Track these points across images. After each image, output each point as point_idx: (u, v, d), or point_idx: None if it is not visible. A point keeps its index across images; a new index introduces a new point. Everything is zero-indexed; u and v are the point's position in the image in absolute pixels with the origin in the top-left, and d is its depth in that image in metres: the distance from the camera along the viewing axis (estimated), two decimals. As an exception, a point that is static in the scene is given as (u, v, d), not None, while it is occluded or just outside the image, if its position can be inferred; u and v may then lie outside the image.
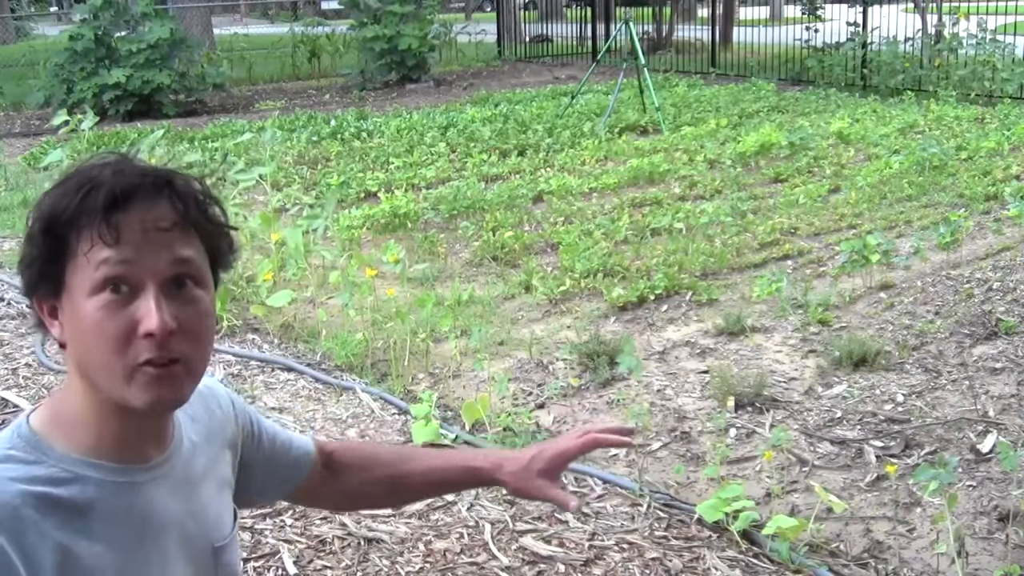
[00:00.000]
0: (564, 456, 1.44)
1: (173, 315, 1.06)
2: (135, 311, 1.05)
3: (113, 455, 1.11)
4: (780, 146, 8.46)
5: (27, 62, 16.85)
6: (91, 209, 1.05)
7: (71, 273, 1.06)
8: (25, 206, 7.64)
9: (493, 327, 4.79)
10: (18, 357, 4.48)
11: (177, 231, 1.08)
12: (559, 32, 19.59)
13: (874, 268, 5.21)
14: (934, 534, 2.98)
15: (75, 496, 1.07)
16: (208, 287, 1.12)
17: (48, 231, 1.07)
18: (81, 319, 1.06)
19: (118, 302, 1.05)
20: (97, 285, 1.05)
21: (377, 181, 7.66)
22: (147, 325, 1.04)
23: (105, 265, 1.04)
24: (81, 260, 1.05)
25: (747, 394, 3.90)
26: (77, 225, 1.06)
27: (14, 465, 1.06)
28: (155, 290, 1.06)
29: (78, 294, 1.06)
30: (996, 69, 11.81)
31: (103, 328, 1.05)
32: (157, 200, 1.07)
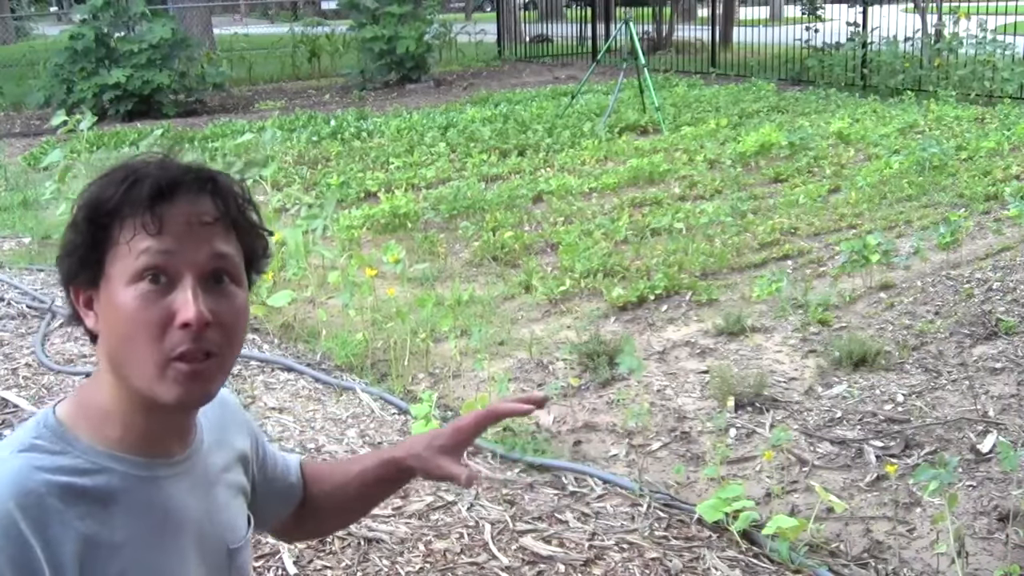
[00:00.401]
0: (462, 431, 1.39)
1: (209, 308, 1.07)
2: (172, 301, 1.07)
3: (138, 449, 1.12)
4: (780, 146, 8.46)
5: (27, 62, 16.86)
6: (136, 199, 1.07)
7: (111, 262, 1.08)
8: (25, 206, 7.65)
9: (493, 327, 4.79)
10: (18, 357, 4.47)
11: (218, 227, 1.10)
12: (559, 32, 19.60)
13: (874, 268, 5.22)
14: (934, 534, 2.98)
15: (99, 487, 1.08)
16: (244, 285, 1.14)
17: (91, 219, 1.09)
18: (118, 307, 1.07)
19: (156, 292, 1.07)
20: (136, 274, 1.06)
21: (377, 181, 7.67)
22: (184, 315, 1.06)
23: (146, 254, 1.06)
24: (122, 249, 1.07)
25: (747, 394, 3.90)
26: (121, 214, 1.07)
27: (40, 454, 1.07)
28: (193, 282, 1.07)
29: (116, 283, 1.07)
30: (996, 69, 11.81)
31: (140, 317, 1.06)
32: (200, 195, 1.10)
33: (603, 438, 3.71)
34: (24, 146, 10.69)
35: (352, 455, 3.55)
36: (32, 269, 5.93)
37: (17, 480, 1.03)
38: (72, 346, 4.59)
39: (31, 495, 1.02)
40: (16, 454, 1.07)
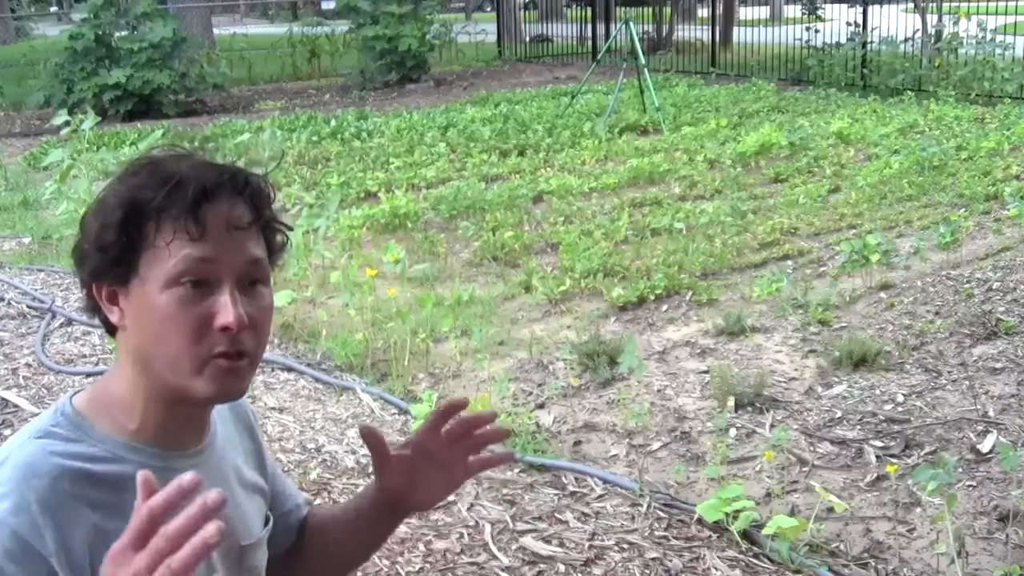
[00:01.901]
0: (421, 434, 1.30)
1: (245, 311, 1.10)
2: (211, 305, 1.09)
3: (153, 441, 1.14)
4: (780, 146, 8.46)
5: (27, 62, 16.86)
6: (178, 201, 1.08)
7: (146, 263, 1.09)
8: (25, 206, 7.65)
9: (493, 327, 4.79)
10: (18, 357, 4.47)
11: (253, 230, 1.13)
12: (559, 32, 19.59)
13: (874, 268, 5.22)
14: (934, 534, 2.98)
15: (112, 475, 1.09)
16: (270, 285, 1.17)
17: (129, 220, 1.09)
18: (154, 309, 1.08)
19: (195, 295, 1.08)
20: (175, 278, 1.08)
21: (377, 181, 7.67)
22: (224, 319, 1.08)
23: (186, 259, 1.07)
24: (161, 251, 1.08)
25: (747, 394, 3.90)
26: (161, 216, 1.08)
27: (56, 441, 1.09)
28: (231, 286, 1.09)
29: (153, 284, 1.08)
30: (996, 69, 11.81)
31: (178, 319, 1.08)
32: (237, 198, 1.11)
33: (603, 438, 3.71)
34: (24, 146, 10.69)
35: (353, 452, 3.55)
36: (32, 269, 5.93)
37: (32, 463, 1.05)
38: (72, 346, 4.59)
39: (44, 478, 1.04)
40: (32, 440, 1.09)
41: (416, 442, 1.29)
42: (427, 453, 1.30)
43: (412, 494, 1.32)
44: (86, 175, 6.14)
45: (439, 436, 1.29)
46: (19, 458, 1.06)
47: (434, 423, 1.29)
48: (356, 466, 3.46)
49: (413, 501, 1.33)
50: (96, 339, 4.64)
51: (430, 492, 1.32)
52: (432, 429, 1.29)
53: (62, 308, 5.01)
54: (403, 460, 1.29)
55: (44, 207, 7.41)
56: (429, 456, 1.30)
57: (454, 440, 1.30)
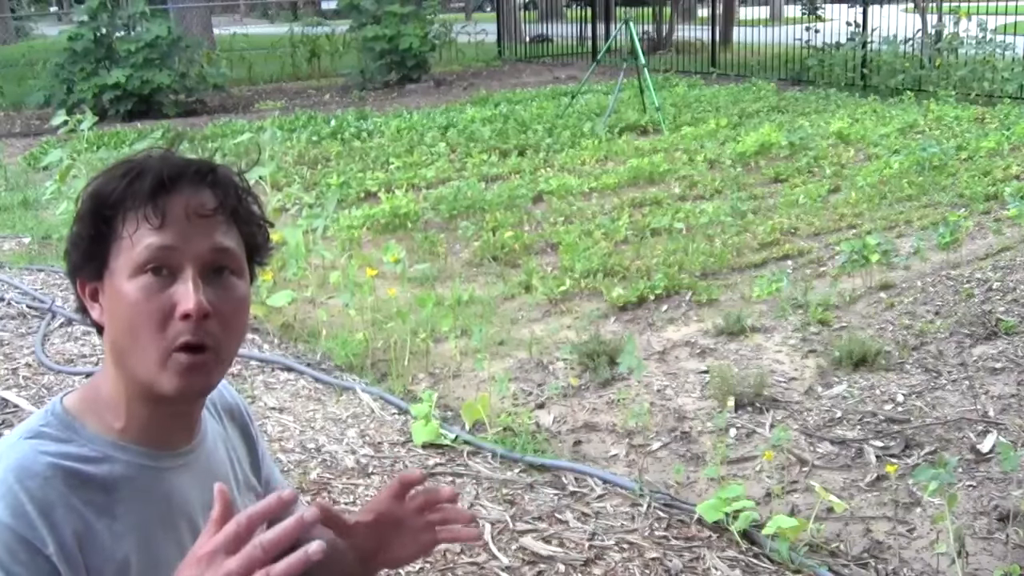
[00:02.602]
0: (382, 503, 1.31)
1: (209, 300, 1.09)
2: (173, 293, 1.09)
3: (141, 440, 1.15)
4: (780, 146, 8.46)
5: (27, 62, 16.87)
6: (138, 192, 1.09)
7: (115, 255, 1.10)
8: (25, 206, 7.65)
9: (493, 327, 4.79)
10: (18, 357, 4.47)
11: (218, 218, 1.12)
12: (559, 32, 19.60)
13: (874, 268, 5.22)
14: (934, 534, 2.98)
15: (103, 475, 1.10)
16: (245, 277, 1.16)
17: (95, 212, 1.11)
18: (121, 299, 1.09)
19: (158, 284, 1.09)
20: (139, 266, 1.09)
21: (377, 181, 7.67)
22: (184, 306, 1.08)
23: (148, 248, 1.08)
24: (125, 242, 1.09)
25: (747, 394, 3.90)
26: (123, 207, 1.10)
27: (46, 441, 1.10)
28: (194, 273, 1.09)
29: (120, 275, 1.10)
30: (996, 69, 11.81)
31: (142, 308, 1.08)
32: (200, 187, 1.12)
33: (603, 438, 3.71)
34: (24, 146, 10.69)
35: (353, 452, 3.55)
36: (32, 269, 5.93)
37: (23, 464, 1.06)
38: (72, 346, 4.59)
39: (37, 478, 1.05)
40: (23, 440, 1.10)
41: (378, 508, 1.31)
42: (392, 518, 1.31)
43: (380, 554, 1.33)
44: (86, 175, 6.13)
45: (402, 504, 1.31)
46: (11, 460, 1.06)
47: (392, 493, 1.30)
48: (356, 466, 3.46)
49: (382, 560, 1.34)
50: (96, 339, 4.63)
51: (400, 553, 1.33)
52: (391, 499, 1.30)
53: (62, 308, 5.01)
54: (366, 526, 1.30)
55: (44, 207, 7.41)
56: (394, 521, 1.31)
57: (418, 510, 1.31)
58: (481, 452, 3.55)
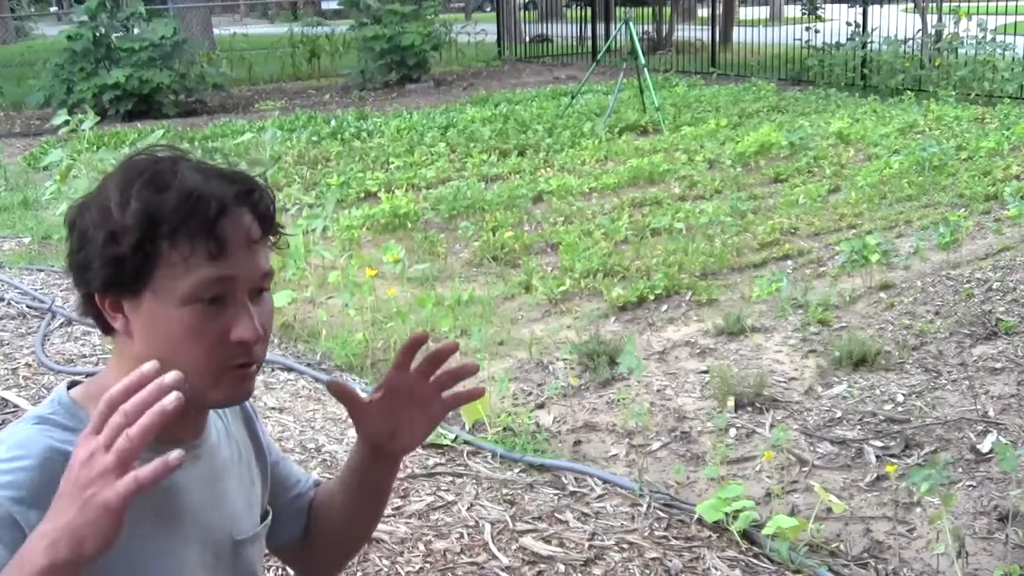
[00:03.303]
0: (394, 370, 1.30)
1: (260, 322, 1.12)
2: (228, 319, 1.10)
3: None
4: (780, 146, 8.46)
5: (27, 62, 16.87)
6: (197, 220, 1.07)
7: (160, 276, 1.08)
8: (25, 206, 7.65)
9: (493, 327, 4.79)
10: (18, 357, 4.47)
11: (263, 242, 1.15)
12: (559, 32, 19.59)
13: (874, 268, 5.22)
14: (934, 534, 2.98)
15: None
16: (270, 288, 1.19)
17: (146, 236, 1.07)
18: (170, 324, 1.09)
19: (212, 311, 1.10)
20: (194, 295, 1.08)
21: (377, 181, 7.67)
22: (243, 334, 1.10)
23: (205, 278, 1.08)
24: (178, 267, 1.08)
25: (747, 394, 3.90)
26: (179, 232, 1.07)
27: (51, 427, 1.11)
28: (247, 300, 1.12)
29: (167, 298, 1.09)
30: (996, 69, 11.81)
31: (197, 334, 1.09)
32: (245, 211, 1.12)
33: (603, 438, 3.71)
34: (24, 146, 10.69)
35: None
36: (32, 269, 5.93)
37: (23, 445, 1.07)
38: (72, 346, 4.59)
39: (35, 459, 1.06)
40: (28, 425, 1.11)
41: (387, 384, 1.30)
42: (401, 392, 1.30)
43: (395, 436, 1.32)
44: (86, 175, 6.13)
45: (409, 374, 1.29)
46: (13, 440, 1.08)
47: (400, 362, 1.29)
48: (356, 466, 3.46)
49: (397, 443, 1.33)
50: (96, 339, 4.64)
51: (412, 431, 1.32)
52: (400, 368, 1.29)
53: (62, 308, 5.01)
54: (378, 404, 1.30)
55: (44, 207, 7.41)
56: (404, 395, 1.30)
57: (424, 376, 1.30)
58: (481, 452, 3.55)
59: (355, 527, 1.46)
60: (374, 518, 1.47)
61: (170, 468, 0.90)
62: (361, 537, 1.51)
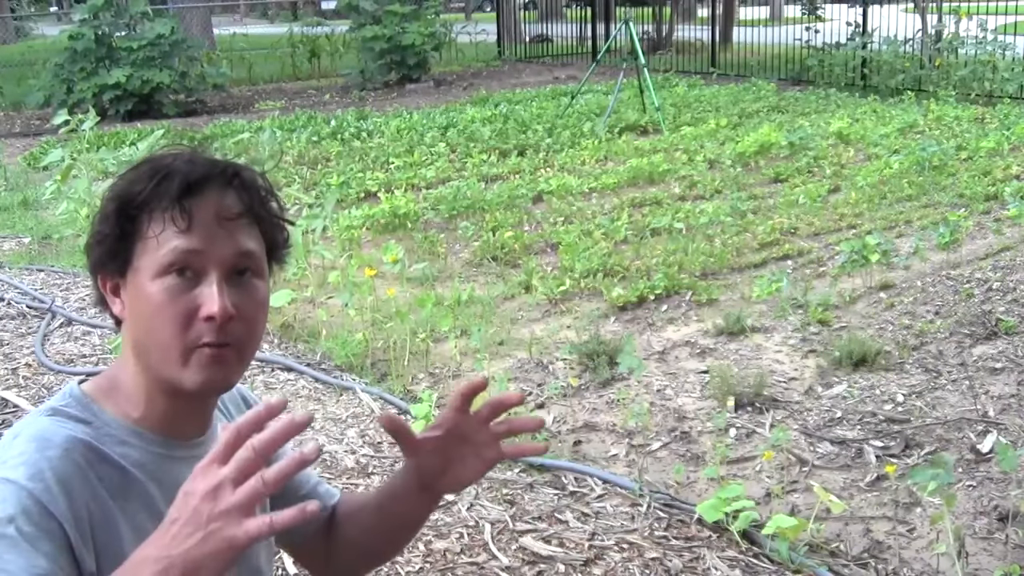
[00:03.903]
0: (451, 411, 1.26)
1: (232, 302, 1.11)
2: (198, 295, 1.11)
3: (157, 429, 1.17)
4: (780, 146, 8.46)
5: (27, 62, 16.87)
6: (165, 193, 1.11)
7: (139, 254, 1.12)
8: (25, 206, 7.65)
9: (493, 327, 4.79)
10: (18, 357, 4.48)
11: (242, 221, 1.14)
12: (559, 32, 19.60)
13: (874, 268, 5.22)
14: (934, 534, 2.98)
15: (119, 456, 1.12)
16: (265, 278, 1.19)
17: (121, 211, 1.12)
18: (145, 299, 1.11)
19: (182, 285, 1.11)
20: (164, 268, 1.10)
21: (377, 181, 7.67)
22: (208, 309, 1.10)
23: (174, 250, 1.10)
24: (151, 242, 1.11)
25: (747, 394, 3.90)
26: (150, 208, 1.11)
27: (65, 419, 1.12)
28: (218, 277, 1.11)
29: (144, 275, 1.11)
30: (996, 69, 11.81)
31: (166, 309, 1.10)
32: (226, 190, 1.14)
33: (603, 438, 3.71)
34: (24, 146, 10.69)
35: (353, 452, 3.55)
36: (32, 269, 5.93)
37: (44, 435, 1.08)
38: (72, 346, 4.59)
39: (57, 448, 1.07)
40: (43, 416, 1.13)
41: (444, 424, 1.26)
42: (456, 434, 1.26)
43: (444, 475, 1.29)
44: (86, 175, 6.13)
45: (467, 417, 1.26)
46: (32, 431, 1.09)
47: (458, 405, 1.26)
48: (356, 466, 3.46)
49: (445, 482, 1.30)
50: (96, 339, 4.64)
51: (463, 472, 1.29)
52: (457, 411, 1.26)
53: (62, 308, 5.01)
54: (432, 441, 1.26)
55: (44, 207, 7.41)
56: (459, 437, 1.26)
57: (483, 422, 1.27)
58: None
59: (384, 546, 1.44)
60: (404, 542, 1.46)
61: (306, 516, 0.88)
62: (388, 554, 1.49)
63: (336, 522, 1.44)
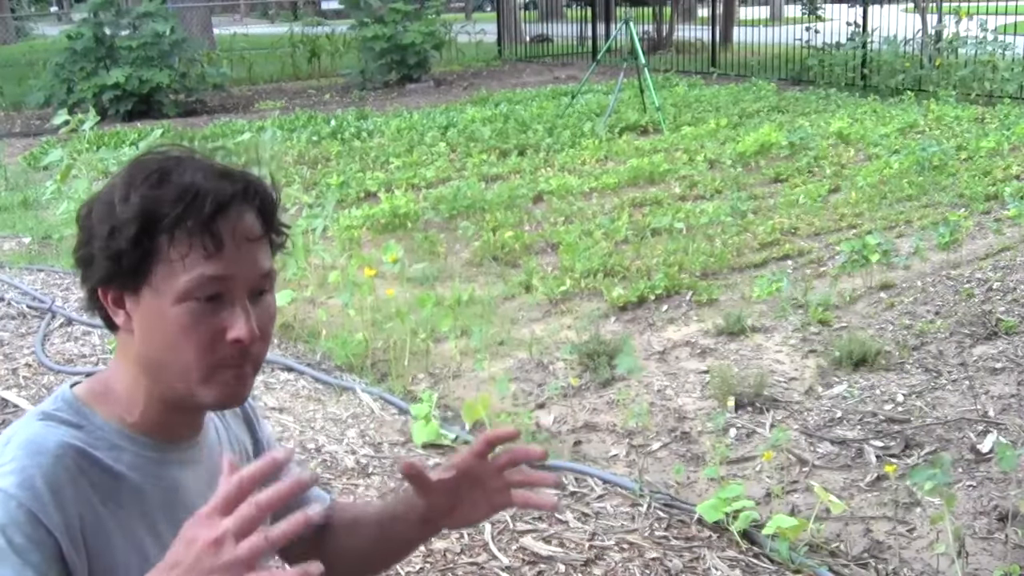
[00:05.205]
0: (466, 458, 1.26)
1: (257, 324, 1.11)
2: (224, 319, 1.10)
3: (149, 433, 1.16)
4: (780, 146, 8.46)
5: (27, 62, 16.86)
6: (194, 216, 1.07)
7: (159, 273, 1.09)
8: (25, 206, 7.65)
9: (493, 327, 4.79)
10: (18, 357, 4.47)
11: (263, 241, 1.14)
12: (559, 32, 19.60)
13: (874, 268, 5.22)
14: (934, 534, 2.98)
15: (111, 461, 1.11)
16: (274, 290, 1.18)
17: (144, 231, 1.08)
18: (167, 321, 1.09)
19: (207, 309, 1.09)
20: (189, 292, 1.08)
21: (377, 181, 7.67)
22: (237, 333, 1.09)
23: (200, 276, 1.08)
24: (176, 265, 1.08)
25: (747, 394, 3.90)
26: (176, 230, 1.07)
27: (57, 423, 1.11)
28: (243, 301, 1.10)
29: (165, 296, 1.09)
30: (996, 69, 11.81)
31: (191, 333, 1.09)
32: (247, 210, 1.11)
33: (603, 438, 3.71)
34: (24, 146, 10.69)
35: (353, 452, 3.55)
36: (32, 269, 5.93)
37: (36, 440, 1.07)
38: (72, 346, 4.59)
39: (48, 455, 1.05)
40: (35, 421, 1.11)
41: (460, 466, 1.26)
42: (470, 476, 1.27)
43: (452, 513, 1.30)
44: (86, 175, 6.13)
45: (484, 462, 1.26)
46: (23, 437, 1.08)
47: (480, 450, 1.26)
48: (356, 466, 3.46)
49: (452, 519, 1.31)
50: (96, 339, 4.64)
51: (469, 514, 1.30)
52: (478, 455, 1.26)
53: (62, 308, 5.01)
54: (446, 483, 1.27)
55: (44, 207, 7.41)
56: (472, 479, 1.27)
57: (499, 468, 1.26)
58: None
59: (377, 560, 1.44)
60: (397, 560, 1.48)
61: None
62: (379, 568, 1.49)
63: (331, 529, 1.43)
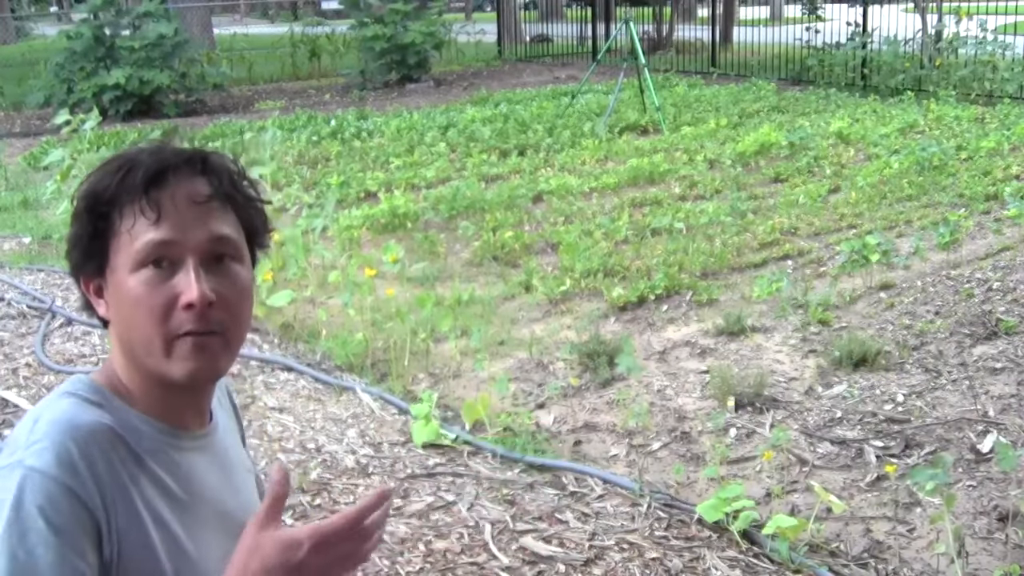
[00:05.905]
0: None
1: (212, 288, 1.10)
2: (175, 284, 1.09)
3: (161, 420, 1.16)
4: (780, 146, 8.46)
5: (27, 62, 16.86)
6: (131, 186, 1.09)
7: (114, 251, 1.11)
8: (25, 206, 7.65)
9: (493, 327, 4.79)
10: (18, 357, 4.47)
11: (213, 205, 1.12)
12: (559, 32, 19.60)
13: (874, 268, 5.22)
14: (934, 534, 2.98)
15: (134, 443, 1.11)
16: (246, 263, 1.17)
17: (91, 210, 1.11)
18: (124, 294, 1.10)
19: (160, 276, 1.09)
20: (139, 261, 1.09)
21: (377, 181, 7.66)
22: (187, 296, 1.08)
23: (147, 242, 1.09)
24: (124, 237, 1.10)
25: (747, 394, 3.90)
26: (119, 203, 1.10)
27: (84, 403, 1.11)
28: (194, 263, 1.10)
29: (121, 271, 1.10)
30: (996, 69, 11.80)
31: (145, 301, 1.09)
32: (193, 176, 1.12)
33: (603, 438, 3.71)
34: (24, 146, 10.69)
35: (353, 452, 3.55)
36: (32, 269, 5.93)
37: (71, 418, 1.07)
38: (72, 346, 4.59)
39: (82, 430, 1.06)
40: (63, 398, 1.11)
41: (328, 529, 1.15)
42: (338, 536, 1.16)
43: None
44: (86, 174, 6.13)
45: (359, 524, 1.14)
46: (56, 414, 1.07)
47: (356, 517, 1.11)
48: (356, 466, 3.46)
49: None
50: (96, 339, 4.64)
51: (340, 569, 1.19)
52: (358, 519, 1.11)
53: (62, 308, 5.01)
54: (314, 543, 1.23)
55: (44, 207, 7.40)
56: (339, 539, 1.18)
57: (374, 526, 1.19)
58: (481, 452, 3.55)
59: None
60: None
61: None
62: None
63: None
